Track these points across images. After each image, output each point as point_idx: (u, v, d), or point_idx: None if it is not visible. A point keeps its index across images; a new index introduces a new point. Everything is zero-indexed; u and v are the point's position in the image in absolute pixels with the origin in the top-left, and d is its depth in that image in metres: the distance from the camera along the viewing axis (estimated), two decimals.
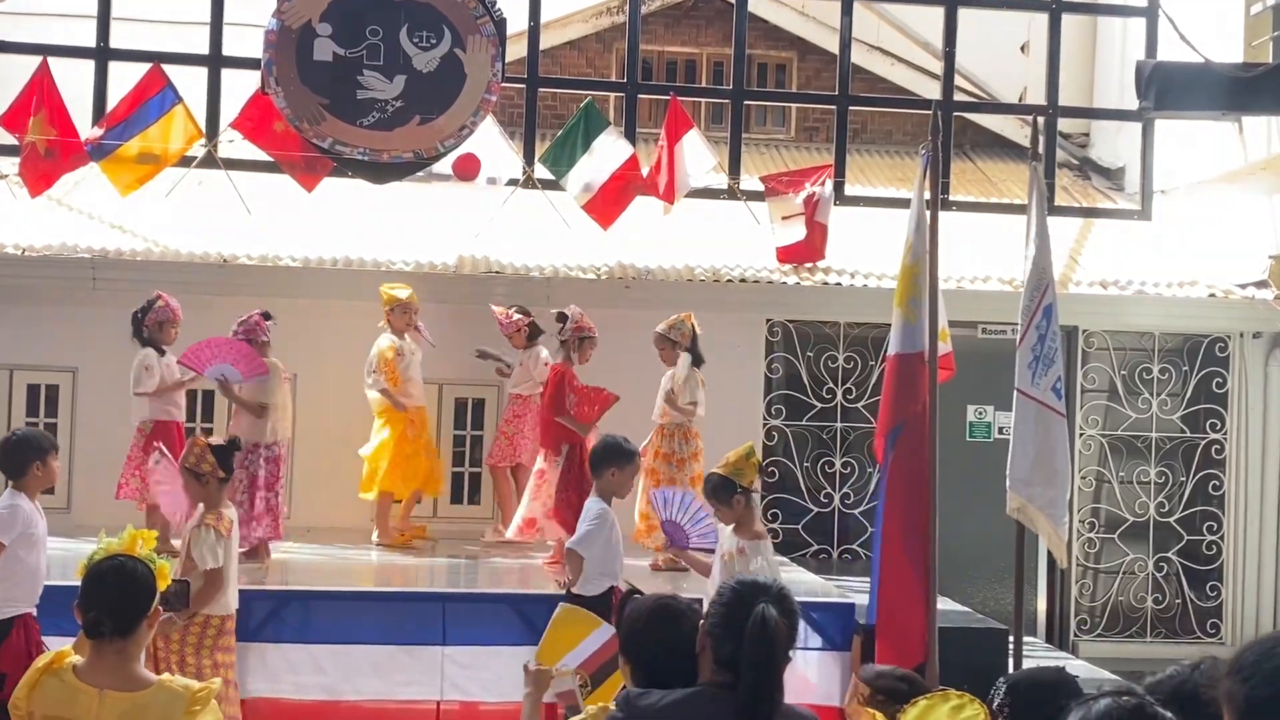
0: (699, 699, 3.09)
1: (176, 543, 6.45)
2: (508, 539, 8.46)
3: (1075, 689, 3.91)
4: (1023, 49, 12.42)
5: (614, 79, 11.92)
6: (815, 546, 10.09)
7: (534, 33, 9.90)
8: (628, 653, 3.37)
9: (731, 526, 6.14)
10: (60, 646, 3.60)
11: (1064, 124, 11.23)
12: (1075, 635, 10.12)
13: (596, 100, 9.95)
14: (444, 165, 9.28)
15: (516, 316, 8.89)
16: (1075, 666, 8.45)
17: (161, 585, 3.53)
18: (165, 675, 3.49)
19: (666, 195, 9.52)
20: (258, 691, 6.83)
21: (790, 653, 3.17)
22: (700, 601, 3.57)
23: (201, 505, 6.08)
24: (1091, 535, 10.19)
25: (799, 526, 10.09)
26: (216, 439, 6.32)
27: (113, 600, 3.42)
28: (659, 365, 8.39)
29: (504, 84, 9.29)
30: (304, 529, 9.03)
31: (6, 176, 9.43)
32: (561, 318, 8.32)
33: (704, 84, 12.38)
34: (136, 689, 3.37)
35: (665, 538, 7.02)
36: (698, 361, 8.30)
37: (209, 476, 6.04)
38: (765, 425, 10.04)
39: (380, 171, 9.13)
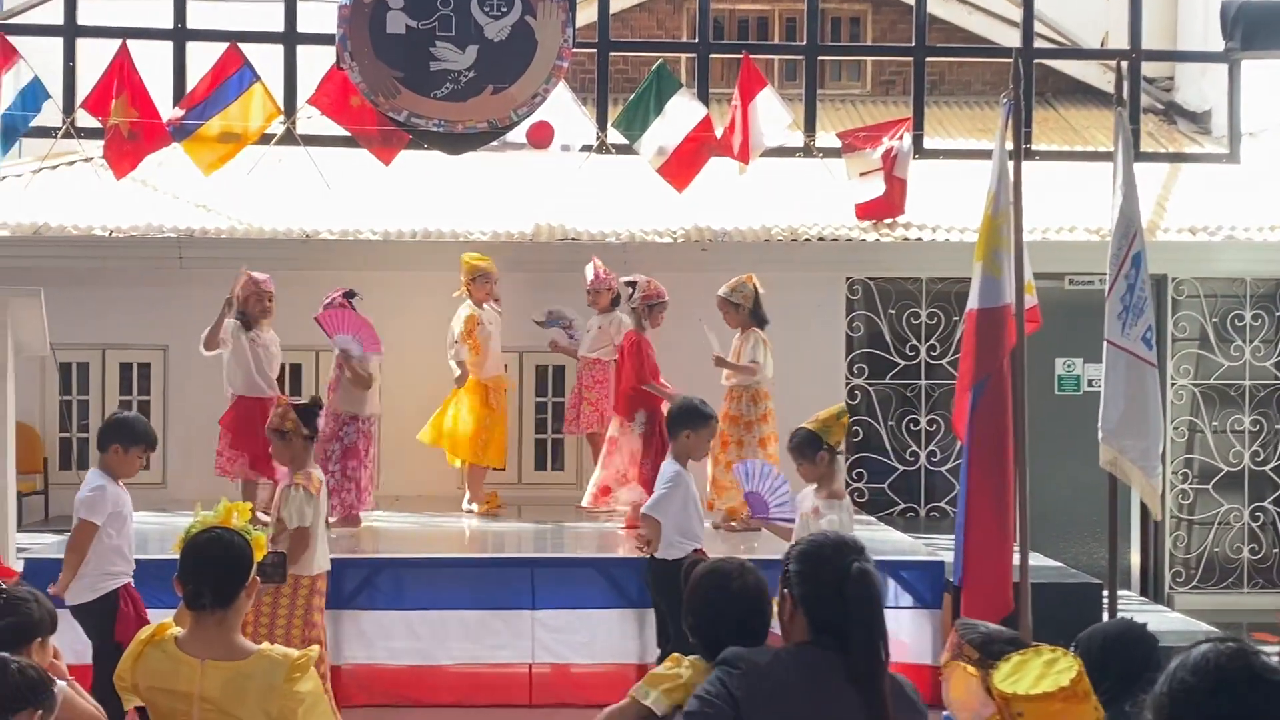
0: (807, 655, 2.99)
1: (265, 516, 6.54)
2: (582, 506, 8.47)
3: (1146, 639, 3.87)
4: None
5: (685, 39, 11.84)
6: (902, 505, 10.02)
7: None
8: (689, 615, 3.37)
9: (814, 486, 6.10)
10: (161, 619, 3.67)
11: (1148, 68, 10.97)
12: (1171, 588, 9.98)
13: (668, 62, 9.90)
14: (518, 134, 9.29)
15: (612, 276, 8.83)
16: (1171, 619, 8.35)
17: (257, 556, 3.59)
18: (265, 644, 3.54)
19: (741, 155, 9.46)
20: (353, 658, 6.96)
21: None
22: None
23: (290, 468, 6.11)
24: (1185, 486, 10.02)
25: (885, 485, 10.03)
26: (299, 399, 6.35)
27: (211, 572, 3.48)
28: (733, 330, 8.37)
29: (575, 49, 9.26)
30: (393, 497, 9.15)
31: (92, 159, 9.59)
32: (630, 285, 8.31)
33: (777, 41, 12.26)
34: (237, 658, 3.44)
35: (748, 508, 7.02)
36: (761, 323, 8.26)
37: (292, 435, 6.02)
38: (848, 385, 9.98)
39: (455, 142, 9.16)
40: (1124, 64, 7.47)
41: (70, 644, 5.24)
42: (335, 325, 8.07)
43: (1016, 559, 6.22)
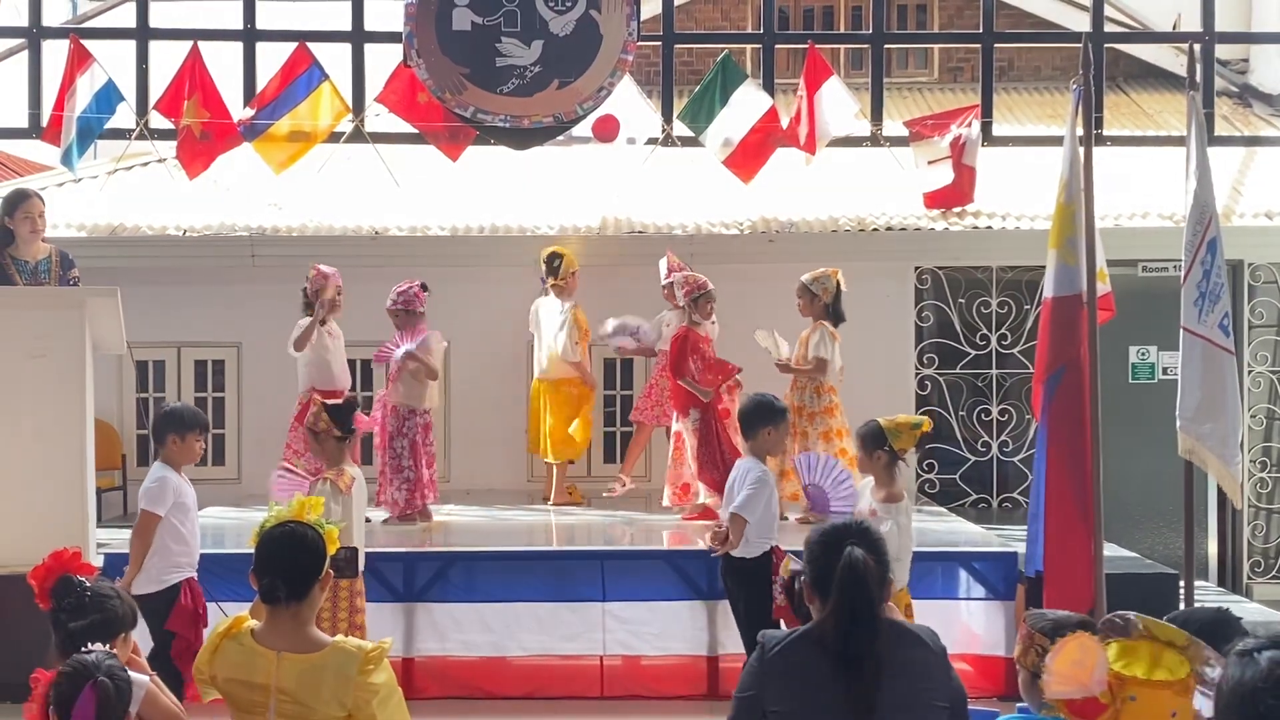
0: (806, 641, 3.24)
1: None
2: (665, 505, 8.46)
3: (1238, 629, 3.80)
4: None
5: (750, 30, 11.80)
6: (974, 496, 9.94)
7: None
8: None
9: (871, 481, 6.05)
10: (238, 612, 3.73)
11: (1222, 50, 10.76)
12: (1249, 578, 9.81)
13: (733, 53, 9.86)
14: (584, 128, 9.29)
15: (685, 269, 8.78)
16: (1249, 610, 8.19)
17: (330, 550, 3.63)
18: (339, 637, 3.59)
19: (808, 145, 9.41)
20: (427, 651, 7.03)
21: (888, 589, 3.32)
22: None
23: (326, 464, 6.12)
24: (1263, 475, 9.84)
25: (956, 476, 9.95)
26: (334, 400, 6.34)
27: (286, 566, 3.53)
28: (805, 318, 8.33)
29: (640, 42, 9.25)
30: (463, 491, 9.21)
31: (165, 160, 9.74)
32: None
33: (842, 30, 12.18)
34: (312, 650, 3.48)
35: (808, 501, 6.99)
36: (836, 320, 8.21)
37: (325, 435, 6.04)
38: (918, 375, 9.91)
39: (522, 137, 9.19)
40: (1197, 47, 7.35)
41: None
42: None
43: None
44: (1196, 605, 5.86)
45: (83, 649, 3.43)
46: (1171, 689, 2.97)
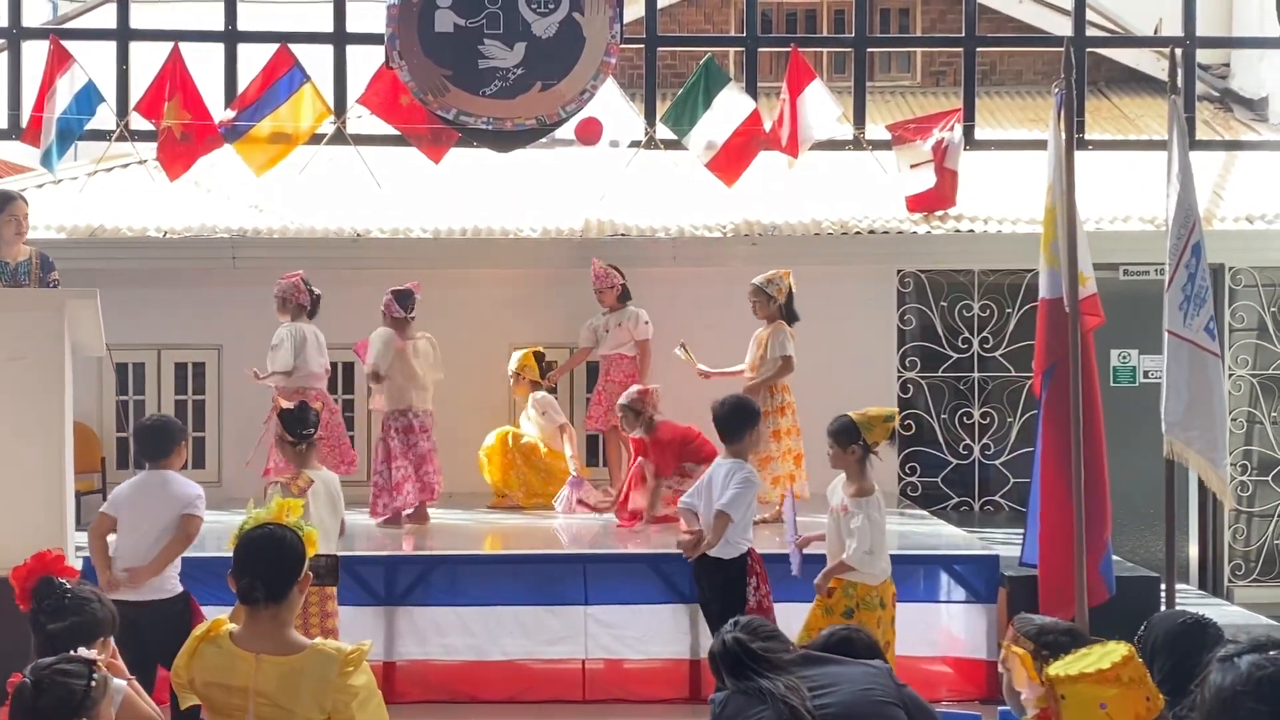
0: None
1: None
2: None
3: (1212, 634, 3.81)
4: None
5: (733, 33, 11.81)
6: (956, 499, 9.95)
7: None
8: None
9: (842, 477, 6.05)
10: (217, 615, 3.71)
11: (1203, 55, 10.82)
12: (1230, 581, 9.84)
13: (716, 56, 9.87)
14: (566, 130, 9.29)
15: (612, 274, 8.92)
16: (1230, 613, 8.22)
17: (310, 552, 3.61)
18: (319, 639, 3.57)
19: (790, 149, 9.42)
20: (408, 654, 7.00)
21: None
22: None
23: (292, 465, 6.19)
24: (1244, 478, 9.87)
25: (938, 479, 9.96)
26: (290, 404, 6.38)
27: (265, 567, 3.51)
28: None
29: (623, 45, 9.26)
30: (445, 495, 9.18)
31: (145, 161, 9.69)
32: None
33: (825, 33, 12.20)
34: (291, 652, 3.46)
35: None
36: (790, 320, 8.24)
37: (280, 439, 6.20)
38: (900, 378, 9.92)
39: (504, 140, 9.18)
40: (1178, 51, 7.40)
41: None
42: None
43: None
44: (1176, 609, 5.88)
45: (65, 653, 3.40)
46: (1096, 679, 2.97)
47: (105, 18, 10.04)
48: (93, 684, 3.19)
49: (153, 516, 5.80)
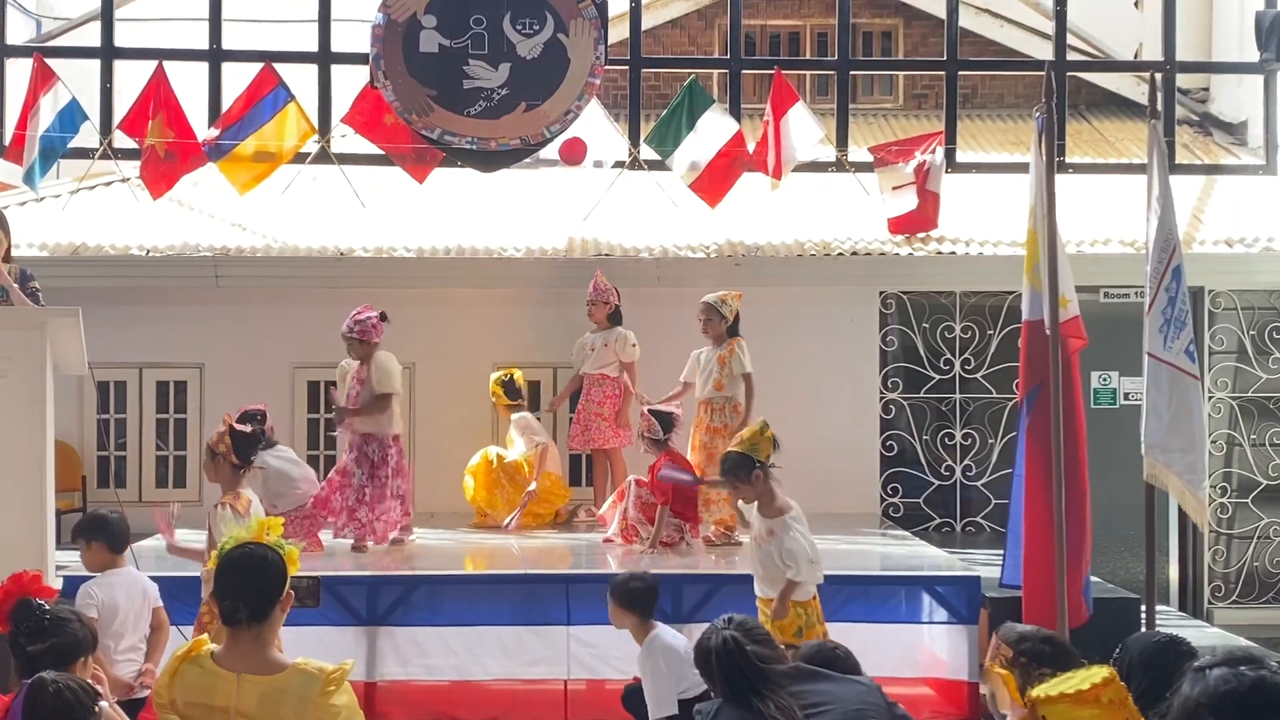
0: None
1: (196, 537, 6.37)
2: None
3: (1186, 655, 3.83)
4: (1136, 3, 12.08)
5: (717, 55, 11.87)
6: (938, 519, 9.97)
7: (636, 13, 9.90)
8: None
9: (755, 506, 6.07)
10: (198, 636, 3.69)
11: (1182, 79, 10.90)
12: (1210, 602, 9.87)
13: (700, 78, 9.91)
14: (551, 150, 9.31)
15: (612, 290, 8.92)
16: (1210, 634, 8.26)
17: (291, 570, 3.60)
18: (300, 658, 3.56)
19: (774, 171, 9.45)
20: (390, 674, 6.98)
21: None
22: None
23: (221, 487, 5.99)
24: (1224, 500, 9.91)
25: (920, 500, 9.98)
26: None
27: (247, 587, 3.50)
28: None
29: (607, 66, 9.29)
30: (427, 515, 9.17)
31: (129, 180, 9.68)
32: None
33: (808, 56, 12.26)
34: (273, 672, 3.45)
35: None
36: (735, 334, 8.26)
37: (222, 459, 5.95)
38: (882, 399, 9.94)
39: (489, 160, 9.19)
40: (1158, 75, 7.46)
41: None
42: None
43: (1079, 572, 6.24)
44: (1154, 629, 5.92)
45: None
46: (1075, 700, 2.99)
47: (90, 36, 10.04)
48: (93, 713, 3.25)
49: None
